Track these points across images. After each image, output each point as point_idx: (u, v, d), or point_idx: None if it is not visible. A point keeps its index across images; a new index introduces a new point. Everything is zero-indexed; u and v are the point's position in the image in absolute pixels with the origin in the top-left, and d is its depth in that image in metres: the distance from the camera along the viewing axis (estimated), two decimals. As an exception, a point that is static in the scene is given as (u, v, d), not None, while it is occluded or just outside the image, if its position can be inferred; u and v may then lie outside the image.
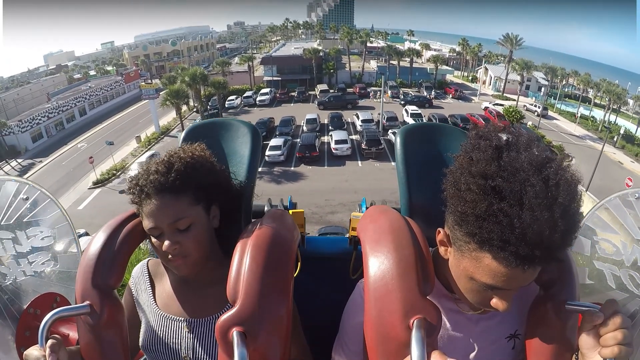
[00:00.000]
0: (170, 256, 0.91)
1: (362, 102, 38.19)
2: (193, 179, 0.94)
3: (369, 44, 52.44)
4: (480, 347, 0.89)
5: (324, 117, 31.94)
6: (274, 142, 25.66)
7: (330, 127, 29.32)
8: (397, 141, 1.14)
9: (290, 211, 1.32)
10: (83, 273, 0.91)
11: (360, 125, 29.01)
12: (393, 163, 22.20)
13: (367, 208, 1.20)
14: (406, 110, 32.22)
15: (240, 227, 1.05)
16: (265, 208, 1.30)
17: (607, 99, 36.11)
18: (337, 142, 25.38)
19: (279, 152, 24.38)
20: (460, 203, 0.71)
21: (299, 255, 1.11)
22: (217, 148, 1.16)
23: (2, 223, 1.05)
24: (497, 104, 37.06)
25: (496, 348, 0.89)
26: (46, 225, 1.11)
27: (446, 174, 0.78)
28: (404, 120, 30.82)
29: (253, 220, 1.03)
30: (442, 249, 0.83)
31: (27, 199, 1.09)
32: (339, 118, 30.97)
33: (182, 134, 1.22)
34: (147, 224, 0.92)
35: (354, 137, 27.76)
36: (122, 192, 22.72)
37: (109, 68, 66.85)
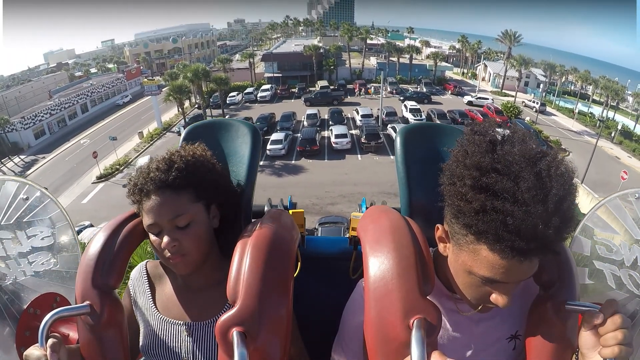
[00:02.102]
0: (169, 254, 0.91)
1: (352, 99, 38.49)
2: (193, 177, 0.94)
3: (369, 41, 52.55)
4: (480, 348, 0.88)
5: (325, 113, 32.25)
6: (275, 136, 25.94)
7: (330, 122, 29.57)
8: (397, 141, 1.14)
9: (290, 211, 1.32)
10: (83, 273, 0.91)
11: (360, 120, 29.31)
12: (392, 157, 22.32)
13: (367, 208, 1.22)
14: (405, 105, 32.42)
15: (240, 228, 1.05)
16: (265, 208, 1.29)
17: (605, 96, 36.16)
18: (337, 136, 25.66)
19: (280, 146, 24.71)
20: (457, 197, 0.73)
21: (299, 255, 1.11)
22: (217, 148, 1.17)
23: (2, 223, 1.05)
24: (480, 98, 37.47)
25: (497, 349, 0.89)
26: (46, 225, 1.10)
27: (443, 170, 0.79)
28: (403, 116, 31.10)
29: (253, 220, 1.03)
30: (441, 246, 0.83)
31: (27, 199, 1.08)
32: (339, 113, 31.25)
33: (183, 134, 1.22)
34: (146, 220, 0.92)
35: (353, 131, 28.09)
36: (125, 186, 22.67)
37: (110, 66, 67.14)
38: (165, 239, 0.90)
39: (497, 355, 0.89)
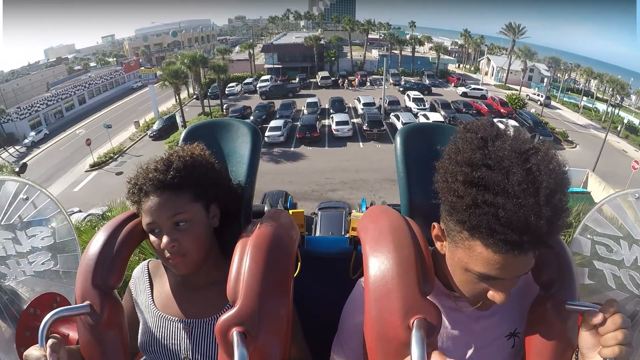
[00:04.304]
0: (168, 254, 0.90)
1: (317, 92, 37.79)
2: (192, 177, 0.94)
3: (370, 36, 52.16)
4: (479, 346, 0.88)
5: (325, 102, 31.69)
6: (273, 123, 25.46)
7: (331, 111, 29.13)
8: (397, 141, 1.13)
9: (290, 211, 1.31)
10: (83, 273, 0.90)
11: (362, 109, 28.88)
12: (395, 145, 21.87)
13: (367, 208, 1.17)
14: (408, 95, 32.11)
15: (240, 228, 1.04)
16: (265, 208, 1.28)
17: (610, 90, 36.39)
18: (338, 123, 25.18)
19: (278, 133, 24.13)
20: (449, 193, 0.72)
21: (299, 255, 1.12)
22: (217, 148, 1.16)
23: (2, 223, 1.05)
24: (475, 89, 37.10)
25: (496, 346, 0.88)
26: (46, 225, 1.10)
27: (437, 168, 0.78)
28: (407, 105, 30.77)
29: (253, 220, 1.02)
30: (438, 244, 0.83)
31: (27, 199, 1.08)
32: (340, 102, 30.81)
33: (182, 134, 1.21)
34: (145, 220, 0.91)
35: (355, 120, 27.59)
36: (119, 173, 22.89)
37: (110, 59, 66.54)
38: (165, 239, 0.90)
39: (497, 352, 0.89)
